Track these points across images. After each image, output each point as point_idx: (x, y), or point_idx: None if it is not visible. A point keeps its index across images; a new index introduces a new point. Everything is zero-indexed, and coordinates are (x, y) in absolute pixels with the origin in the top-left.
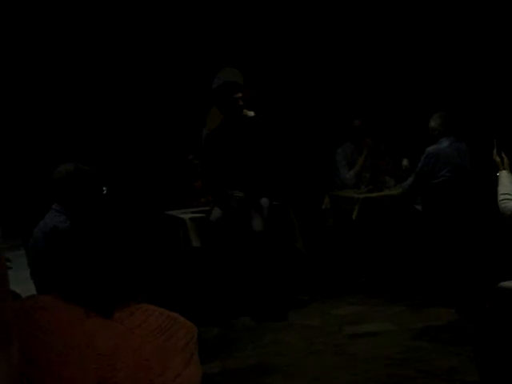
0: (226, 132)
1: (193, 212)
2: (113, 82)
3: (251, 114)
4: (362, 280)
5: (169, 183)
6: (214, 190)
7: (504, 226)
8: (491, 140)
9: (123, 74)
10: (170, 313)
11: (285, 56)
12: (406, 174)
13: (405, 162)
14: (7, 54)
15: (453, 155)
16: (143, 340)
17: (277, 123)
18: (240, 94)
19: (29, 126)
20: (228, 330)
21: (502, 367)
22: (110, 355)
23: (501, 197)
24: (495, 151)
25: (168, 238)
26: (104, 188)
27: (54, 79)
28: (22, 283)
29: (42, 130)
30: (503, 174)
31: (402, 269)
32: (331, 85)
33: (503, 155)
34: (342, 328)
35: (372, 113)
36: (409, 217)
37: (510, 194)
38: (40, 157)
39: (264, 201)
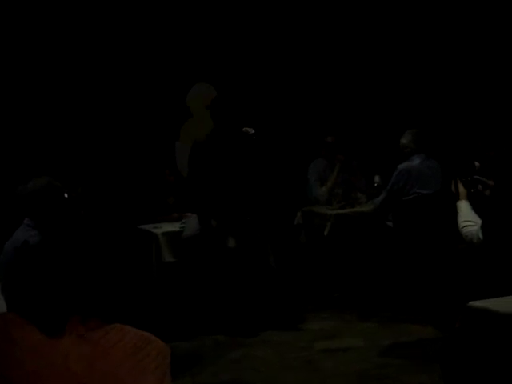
0: (216, 145)
1: (165, 227)
2: (87, 96)
3: (251, 130)
4: (335, 295)
5: (141, 197)
6: (197, 205)
7: (472, 248)
8: (461, 156)
9: (95, 89)
10: (143, 333)
11: (260, 72)
12: (378, 190)
13: (377, 178)
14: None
15: (424, 172)
16: (118, 360)
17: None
18: (253, 131)
19: (4, 137)
20: (199, 345)
21: None
22: (84, 374)
23: (461, 224)
24: (453, 182)
25: (140, 252)
26: (65, 193)
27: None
28: None
29: (13, 144)
30: (461, 204)
31: (373, 285)
32: (304, 101)
33: (460, 185)
34: (314, 343)
35: (344, 129)
36: (380, 233)
37: (470, 221)
38: (12, 170)
39: (238, 217)
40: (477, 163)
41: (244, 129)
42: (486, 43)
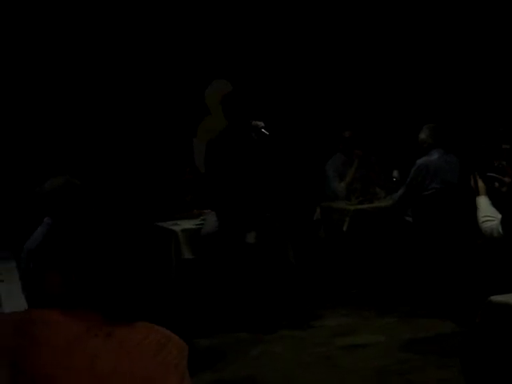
0: (230, 141)
1: (184, 224)
2: (105, 93)
3: (261, 124)
4: (353, 291)
5: (160, 195)
6: (214, 200)
7: (490, 244)
8: (480, 152)
9: (114, 87)
10: (164, 331)
11: (276, 67)
12: (397, 185)
13: (395, 173)
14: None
15: (443, 167)
16: (142, 359)
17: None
18: (263, 124)
19: (20, 137)
20: (219, 341)
21: (490, 381)
22: (109, 375)
23: (481, 219)
24: (472, 178)
25: (159, 249)
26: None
27: (41, 96)
28: (15, 297)
29: (34, 143)
30: (481, 200)
31: (392, 280)
32: (322, 96)
33: (479, 181)
34: (332, 340)
35: (362, 124)
36: (399, 228)
37: (490, 216)
38: (33, 168)
39: (257, 213)
40: (496, 162)
41: (253, 122)
42: (505, 38)
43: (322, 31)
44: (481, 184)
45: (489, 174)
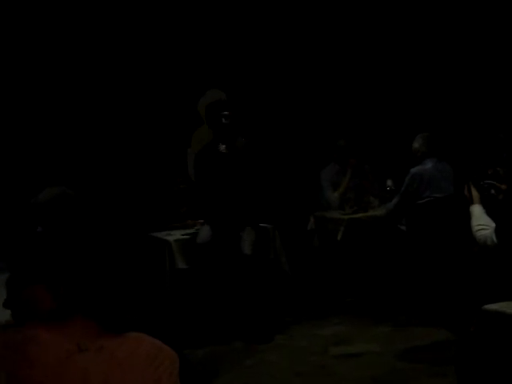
0: (215, 151)
1: (178, 234)
2: (101, 103)
3: (241, 140)
4: (347, 300)
5: (154, 205)
6: (205, 211)
7: (483, 252)
8: (473, 160)
9: (109, 97)
10: (155, 341)
11: (271, 76)
12: (391, 194)
13: (389, 182)
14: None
15: (436, 176)
16: (133, 370)
17: (261, 144)
18: (226, 112)
19: (15, 148)
20: (214, 351)
21: None
22: None
23: (475, 228)
24: (466, 187)
25: (153, 259)
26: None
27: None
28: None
29: (29, 153)
30: (475, 208)
31: (387, 289)
32: (316, 105)
33: (473, 189)
34: (327, 349)
35: (356, 133)
36: (393, 237)
37: (484, 225)
38: (25, 179)
39: (252, 223)
40: (490, 171)
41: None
42: (503, 49)
43: (318, 40)
44: (475, 193)
45: (486, 181)
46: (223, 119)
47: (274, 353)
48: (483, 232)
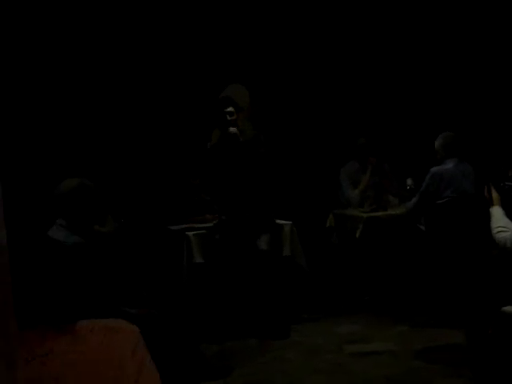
0: (222, 150)
1: (197, 228)
2: (119, 94)
3: (233, 130)
4: (365, 299)
5: (173, 198)
6: (218, 208)
7: (502, 255)
8: (494, 162)
9: (128, 89)
10: (110, 323)
11: (290, 73)
12: (410, 193)
13: (409, 181)
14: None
15: (457, 176)
16: (89, 368)
17: (282, 141)
18: (230, 109)
19: (32, 138)
20: (230, 347)
21: None
22: None
23: (495, 230)
24: (486, 188)
25: (171, 253)
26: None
27: (53, 94)
28: None
29: (47, 144)
30: (495, 210)
31: (404, 288)
32: (336, 103)
33: (493, 191)
34: (343, 347)
35: (377, 131)
36: (412, 237)
37: (503, 227)
38: (45, 170)
39: (269, 219)
40: (510, 172)
41: (231, 129)
42: None
43: (341, 37)
44: (495, 194)
45: (506, 183)
46: (228, 116)
47: (289, 350)
48: (503, 234)
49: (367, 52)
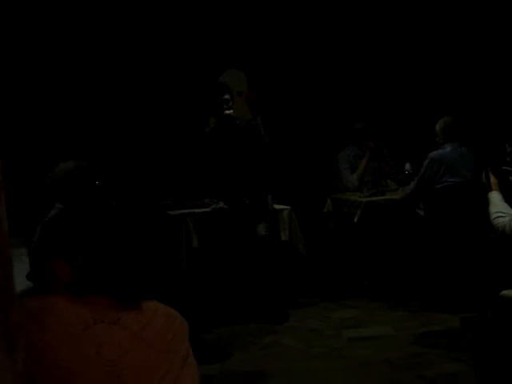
0: (218, 135)
1: (195, 213)
2: (118, 85)
3: (248, 115)
4: (363, 284)
5: (172, 183)
6: (215, 193)
7: (501, 240)
8: (492, 146)
9: (128, 77)
10: (170, 310)
11: (287, 59)
12: (409, 178)
13: (407, 166)
14: (8, 54)
15: (456, 161)
16: (149, 342)
17: (279, 126)
18: (226, 96)
19: (31, 125)
20: (228, 331)
21: (502, 375)
22: (116, 362)
23: (493, 215)
24: (484, 173)
25: (170, 237)
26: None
27: (59, 83)
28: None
29: (45, 130)
30: (493, 195)
31: (403, 273)
32: (334, 88)
33: (491, 176)
34: (341, 332)
35: (375, 116)
36: (411, 221)
37: (502, 212)
38: (44, 155)
39: (268, 204)
40: (509, 148)
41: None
42: None
43: (335, 23)
44: (493, 179)
45: (504, 167)
46: (224, 104)
47: (288, 334)
48: (501, 220)
49: (365, 38)
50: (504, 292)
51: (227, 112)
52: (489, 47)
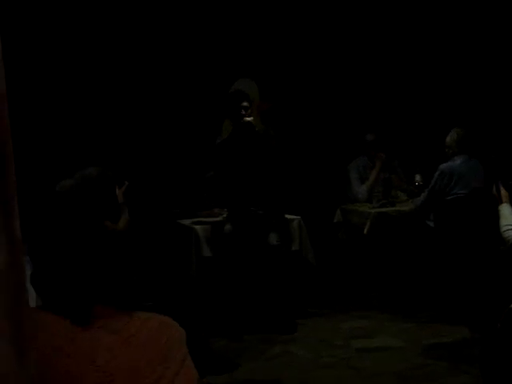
0: (235, 143)
1: (205, 222)
2: (130, 88)
3: (260, 125)
4: (372, 294)
5: (182, 192)
6: (227, 203)
7: (511, 252)
8: (503, 159)
9: (141, 85)
10: (162, 318)
11: (299, 70)
12: (419, 189)
13: (417, 177)
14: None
15: (466, 173)
16: (139, 349)
17: (290, 136)
18: (245, 103)
19: (37, 134)
20: (237, 341)
21: None
22: (108, 366)
23: (503, 228)
24: (494, 186)
25: (179, 247)
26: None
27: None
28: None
29: (53, 140)
30: (503, 207)
31: (412, 284)
32: (345, 99)
33: (502, 189)
34: (350, 342)
35: (386, 127)
36: (421, 233)
37: (511, 225)
38: (50, 164)
39: (279, 215)
40: None
41: (247, 120)
42: None
43: (347, 35)
44: (503, 192)
45: None
46: (242, 111)
47: (296, 344)
48: (511, 232)
49: (376, 47)
50: None
51: (247, 119)
52: (500, 62)
